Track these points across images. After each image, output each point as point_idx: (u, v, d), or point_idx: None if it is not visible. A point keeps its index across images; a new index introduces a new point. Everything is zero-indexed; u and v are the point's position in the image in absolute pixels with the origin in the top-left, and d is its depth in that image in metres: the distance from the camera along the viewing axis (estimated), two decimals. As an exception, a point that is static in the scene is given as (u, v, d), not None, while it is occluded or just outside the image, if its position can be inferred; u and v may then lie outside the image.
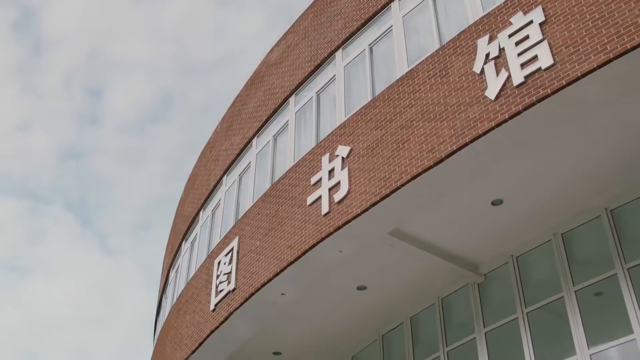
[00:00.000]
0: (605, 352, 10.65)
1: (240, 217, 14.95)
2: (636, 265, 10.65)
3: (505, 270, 12.79)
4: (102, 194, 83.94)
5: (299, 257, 11.96)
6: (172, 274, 19.94)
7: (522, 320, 11.99)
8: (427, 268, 13.17)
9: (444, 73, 10.50)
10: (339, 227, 11.26)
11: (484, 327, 12.71)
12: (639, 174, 10.89)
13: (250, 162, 15.73)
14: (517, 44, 9.55)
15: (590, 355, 10.70)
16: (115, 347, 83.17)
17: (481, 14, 10.73)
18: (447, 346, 13.40)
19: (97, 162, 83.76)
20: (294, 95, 14.85)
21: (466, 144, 9.53)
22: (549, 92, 8.77)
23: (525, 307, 12.05)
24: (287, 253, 12.28)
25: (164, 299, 20.78)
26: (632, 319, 10.31)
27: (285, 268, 12.27)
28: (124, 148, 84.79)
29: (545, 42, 9.22)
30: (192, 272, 17.07)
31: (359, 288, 13.85)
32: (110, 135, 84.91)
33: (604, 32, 8.67)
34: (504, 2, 10.21)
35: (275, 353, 16.14)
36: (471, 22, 10.73)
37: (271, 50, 17.00)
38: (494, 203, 11.57)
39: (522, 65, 9.27)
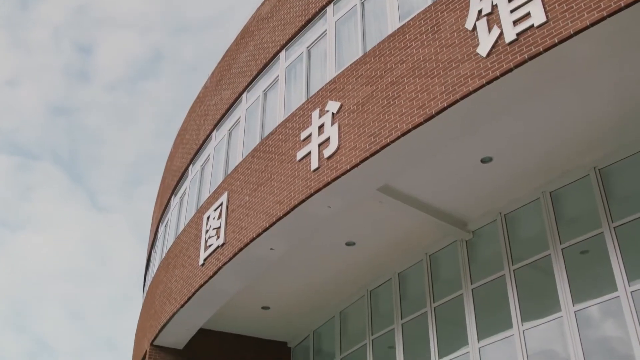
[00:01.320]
0: (590, 309, 10.78)
1: (229, 172, 14.93)
2: (622, 224, 10.73)
3: (493, 228, 12.86)
4: (92, 150, 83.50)
5: (288, 212, 11.98)
6: (161, 229, 19.97)
7: (508, 277, 12.10)
8: (415, 224, 13.23)
9: (435, 29, 10.42)
10: (328, 183, 11.26)
11: (471, 284, 12.82)
12: (628, 133, 10.91)
13: (239, 117, 15.66)
14: (510, 0, 9.46)
15: (574, 312, 10.84)
16: (105, 301, 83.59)
17: (474, -31, 10.61)
18: (434, 302, 13.54)
19: (86, 118, 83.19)
20: (284, 50, 14.73)
21: (457, 101, 9.50)
22: (541, 49, 8.72)
23: (512, 264, 12.15)
24: (276, 208, 12.29)
25: (153, 254, 20.84)
26: (616, 276, 10.42)
27: (274, 223, 12.30)
28: (114, 104, 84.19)
29: (538, -1, 9.14)
30: (181, 227, 17.10)
31: (348, 244, 13.92)
32: (100, 91, 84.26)
33: (597, -11, 8.59)
34: (498, -42, 10.10)
35: (263, 307, 16.29)
36: (464, -22, 10.62)
37: (262, 5, 16.81)
38: (483, 161, 11.59)
39: (515, 22, 9.19)
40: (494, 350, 12.13)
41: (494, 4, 9.64)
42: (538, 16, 8.93)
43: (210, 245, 14.32)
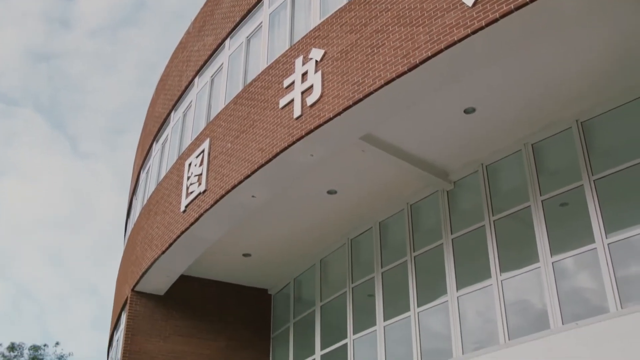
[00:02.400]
0: (567, 260, 10.91)
1: (211, 118, 14.84)
2: (602, 177, 10.80)
3: (474, 179, 12.91)
4: (74, 97, 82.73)
5: (270, 159, 11.95)
6: (142, 175, 19.89)
7: (488, 228, 12.19)
8: (397, 174, 13.26)
9: (422, -23, 10.28)
10: (311, 131, 11.21)
11: (452, 234, 12.92)
12: (611, 87, 10.91)
13: (222, 64, 15.50)
14: (497, -52, 9.33)
15: (552, 263, 10.96)
16: (86, 248, 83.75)
17: None
18: (414, 251, 13.64)
19: (68, 65, 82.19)
20: (268, -5, 14.52)
21: (441, 50, 9.42)
22: (528, 0, 8.64)
23: (493, 215, 12.23)
24: (258, 156, 12.26)
25: (134, 200, 20.80)
26: (594, 229, 10.52)
27: (256, 170, 12.27)
28: (96, 52, 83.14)
29: (526, -52, 9.02)
30: (163, 174, 17.04)
31: (330, 192, 13.95)
32: (81, 38, 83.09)
33: (586, -62, 8.50)
34: None
35: (244, 255, 16.36)
36: None
37: (246, -51, 16.51)
38: (466, 111, 11.57)
39: (502, -29, 9.08)
40: (472, 299, 12.28)
41: (481, -49, 9.50)
42: (525, -35, 8.82)
43: (191, 192, 14.29)
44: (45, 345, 44.35)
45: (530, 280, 11.39)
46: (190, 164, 14.83)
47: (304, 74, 11.81)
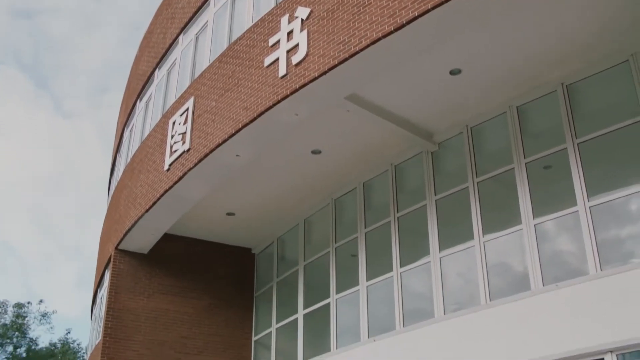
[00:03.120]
0: (549, 222, 10.99)
1: (196, 77, 14.70)
2: (586, 141, 10.83)
3: (459, 140, 12.92)
4: (57, 56, 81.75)
5: (255, 118, 11.88)
6: (126, 133, 19.77)
7: (472, 190, 12.23)
8: (382, 134, 13.23)
9: None
10: (296, 90, 11.13)
11: (435, 195, 12.96)
12: (597, 50, 10.88)
13: (207, 21, 15.32)
14: None
15: (534, 225, 11.04)
16: (70, 207, 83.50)
17: None
18: (398, 212, 13.69)
19: (51, 23, 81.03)
20: (254, -48, 14.32)
21: (428, 10, 9.32)
22: (515, -41, 8.56)
23: (476, 177, 12.27)
24: (242, 114, 12.18)
25: (118, 158, 20.70)
26: (577, 192, 10.58)
27: (240, 129, 12.21)
28: (80, 10, 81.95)
29: None
30: (147, 132, 16.93)
31: (314, 152, 13.92)
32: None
33: None
34: None
35: (228, 214, 16.36)
36: None
37: None
38: (452, 72, 11.53)
39: None
40: (455, 260, 12.37)
41: None
42: None
43: (175, 151, 14.22)
44: (29, 302, 44.41)
45: (512, 242, 11.47)
46: (174, 123, 14.73)
47: (290, 33, 11.70)
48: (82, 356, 40.20)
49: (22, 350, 42.03)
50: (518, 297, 10.81)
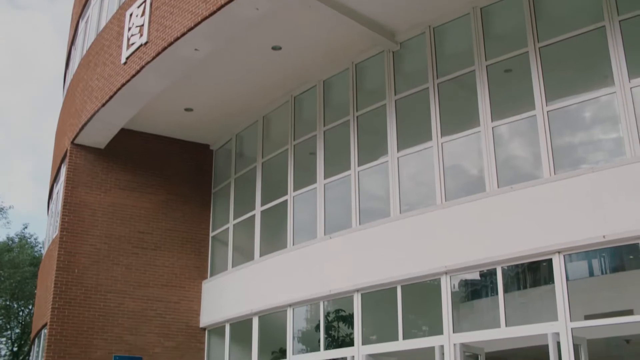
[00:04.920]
0: (507, 126, 11.09)
1: (153, -33, 14.21)
2: (548, 45, 10.81)
3: (420, 40, 12.81)
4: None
5: (215, 12, 11.58)
6: (81, 25, 19.18)
7: (432, 91, 12.22)
8: (343, 32, 13.04)
9: None
10: (257, -16, 10.86)
11: (395, 95, 12.94)
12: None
13: None
14: None
15: (492, 128, 11.12)
16: (25, 102, 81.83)
17: None
18: (357, 111, 13.68)
19: None
20: None
21: None
22: None
23: (437, 78, 12.24)
24: (202, 7, 11.87)
25: (73, 51, 20.15)
26: (535, 96, 10.62)
27: (199, 23, 11.91)
28: None
29: None
30: (103, 24, 16.44)
31: (274, 48, 13.71)
32: None
33: None
34: None
35: (187, 109, 16.18)
36: None
37: None
38: (416, -29, 11.32)
39: None
40: (412, 160, 12.49)
41: None
42: None
43: (132, 44, 13.88)
44: (-16, 199, 43.93)
45: (470, 144, 11.59)
46: (131, 14, 14.31)
47: None
48: (40, 250, 40.23)
49: (-22, 246, 41.87)
50: (473, 198, 11.00)
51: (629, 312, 9.67)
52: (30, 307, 38.77)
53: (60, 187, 17.00)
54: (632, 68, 9.62)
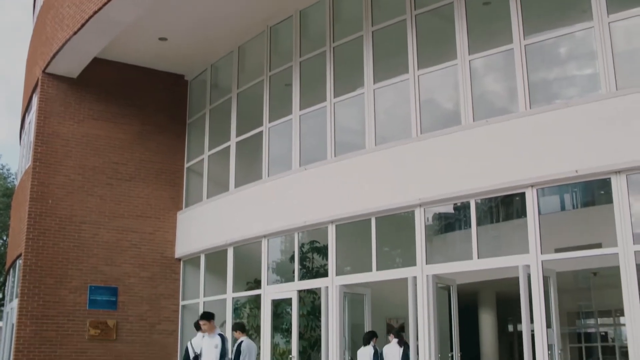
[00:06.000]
0: (484, 59, 11.04)
1: None
2: (527, -23, 10.69)
3: (398, -30, 12.61)
4: None
5: (188, -62, 11.30)
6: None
7: (410, 22, 12.07)
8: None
9: None
10: None
11: (372, 26, 12.79)
12: None
13: None
14: None
15: (469, 61, 11.06)
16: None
17: None
18: (334, 42, 13.52)
19: None
20: None
21: None
22: None
23: (415, 9, 12.07)
24: None
25: (42, -26, 19.63)
26: (513, 30, 10.50)
27: (172, -50, 11.63)
28: None
29: None
30: (73, -53, 15.98)
31: (250, -23, 13.45)
32: None
33: None
34: None
35: (161, 39, 15.89)
36: None
37: None
38: None
39: None
40: (389, 92, 12.44)
41: None
42: None
43: (104, -31, 13.52)
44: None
45: (446, 78, 11.55)
46: (102, -61, 13.90)
47: None
48: (12, 181, 39.87)
49: (-50, 176, 41.33)
50: (448, 131, 11.01)
51: (598, 246, 9.86)
52: (4, 237, 38.67)
53: (32, 117, 16.75)
54: (611, 3, 9.55)
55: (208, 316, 10.95)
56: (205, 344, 10.83)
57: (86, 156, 16.07)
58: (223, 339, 10.71)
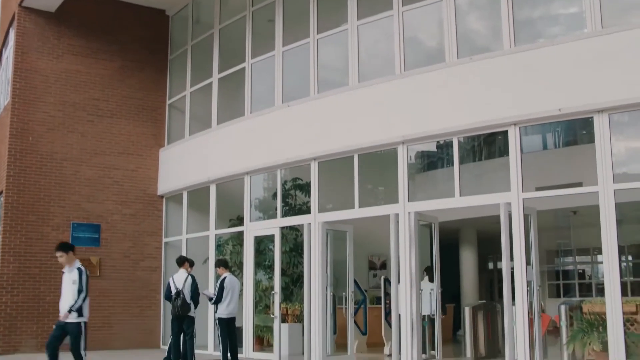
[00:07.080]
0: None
1: None
2: None
3: None
4: None
5: None
6: None
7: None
8: None
9: None
10: None
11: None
12: None
13: None
14: None
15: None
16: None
17: None
18: (317, -22, 13.32)
19: None
20: None
21: None
22: None
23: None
24: None
25: None
26: (500, -36, 10.39)
27: None
28: None
29: None
30: None
31: None
32: None
33: None
34: None
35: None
36: None
37: None
38: None
39: None
40: (372, 29, 12.32)
41: None
42: None
43: None
44: None
45: (431, 14, 11.43)
46: None
47: None
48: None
49: None
50: (432, 68, 10.96)
51: (578, 185, 9.95)
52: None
53: (9, 52, 16.44)
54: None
55: (65, 247, 9.44)
56: (65, 280, 9.48)
57: (66, 92, 15.85)
58: (81, 272, 9.31)
